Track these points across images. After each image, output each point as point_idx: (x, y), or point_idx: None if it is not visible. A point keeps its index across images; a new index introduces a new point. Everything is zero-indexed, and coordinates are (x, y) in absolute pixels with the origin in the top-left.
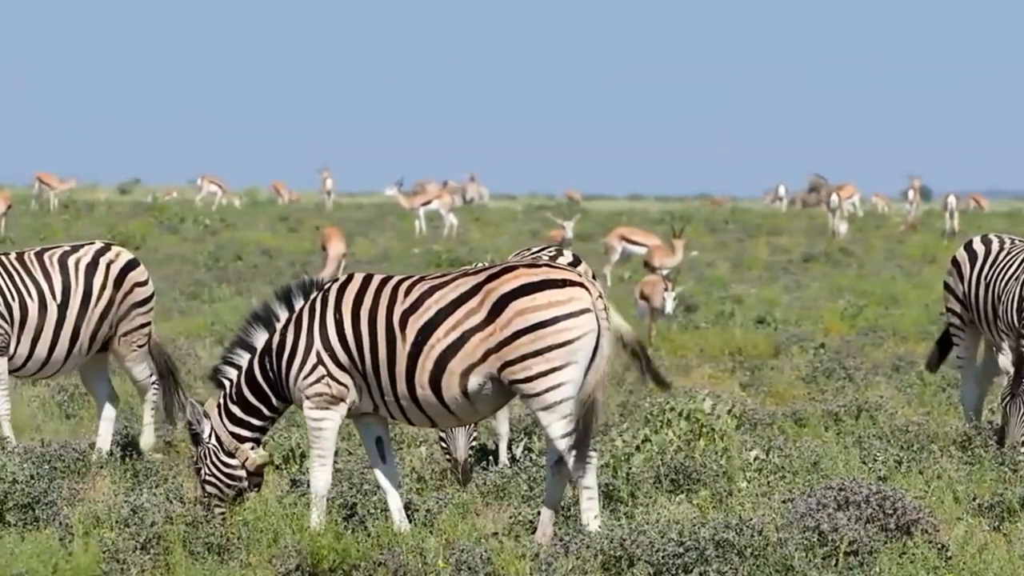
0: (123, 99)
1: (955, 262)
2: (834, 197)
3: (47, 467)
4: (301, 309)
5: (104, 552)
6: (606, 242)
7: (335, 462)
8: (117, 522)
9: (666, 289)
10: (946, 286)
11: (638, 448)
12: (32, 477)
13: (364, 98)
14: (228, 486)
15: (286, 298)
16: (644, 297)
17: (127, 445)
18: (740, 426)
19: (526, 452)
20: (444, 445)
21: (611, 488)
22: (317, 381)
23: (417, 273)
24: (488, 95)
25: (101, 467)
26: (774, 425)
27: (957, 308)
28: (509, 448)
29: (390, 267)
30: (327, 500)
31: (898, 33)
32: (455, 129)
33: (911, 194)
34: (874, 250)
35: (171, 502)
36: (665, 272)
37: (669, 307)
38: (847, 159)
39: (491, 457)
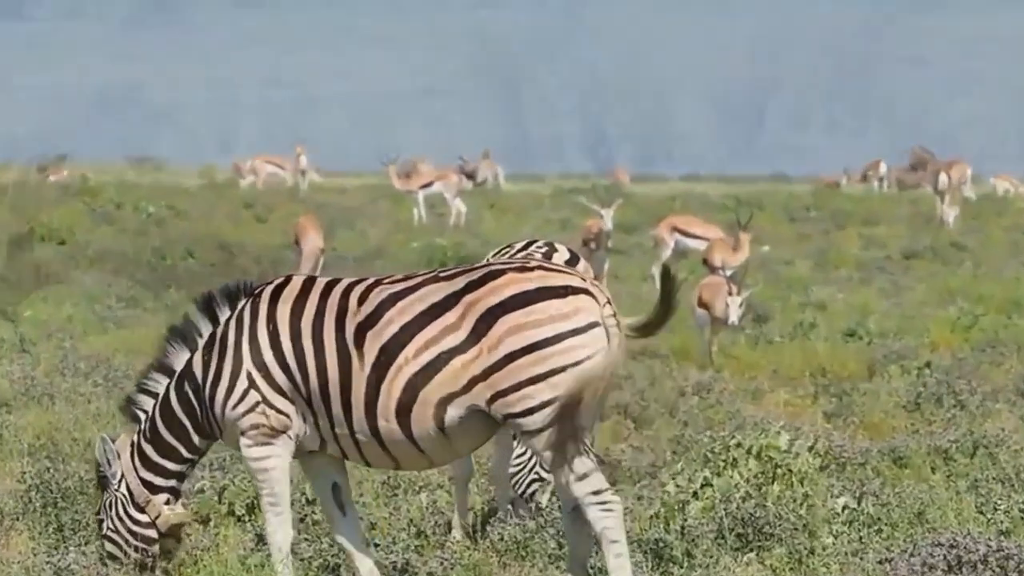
0: (43, 62)
1: None
2: (942, 177)
3: None
4: (227, 321)
5: None
6: (655, 235)
7: (311, 512)
8: None
9: (730, 294)
10: None
11: (695, 494)
12: None
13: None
14: (132, 547)
15: (207, 308)
16: (703, 304)
17: (49, 492)
18: (825, 467)
19: (553, 498)
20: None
21: (661, 545)
22: (251, 410)
23: (416, 272)
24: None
25: (16, 519)
26: (867, 465)
27: None
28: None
29: (383, 265)
30: (297, 557)
31: None
32: (462, 93)
33: None
34: (994, 244)
35: (105, 564)
36: (729, 273)
37: (734, 316)
38: (961, 130)
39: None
